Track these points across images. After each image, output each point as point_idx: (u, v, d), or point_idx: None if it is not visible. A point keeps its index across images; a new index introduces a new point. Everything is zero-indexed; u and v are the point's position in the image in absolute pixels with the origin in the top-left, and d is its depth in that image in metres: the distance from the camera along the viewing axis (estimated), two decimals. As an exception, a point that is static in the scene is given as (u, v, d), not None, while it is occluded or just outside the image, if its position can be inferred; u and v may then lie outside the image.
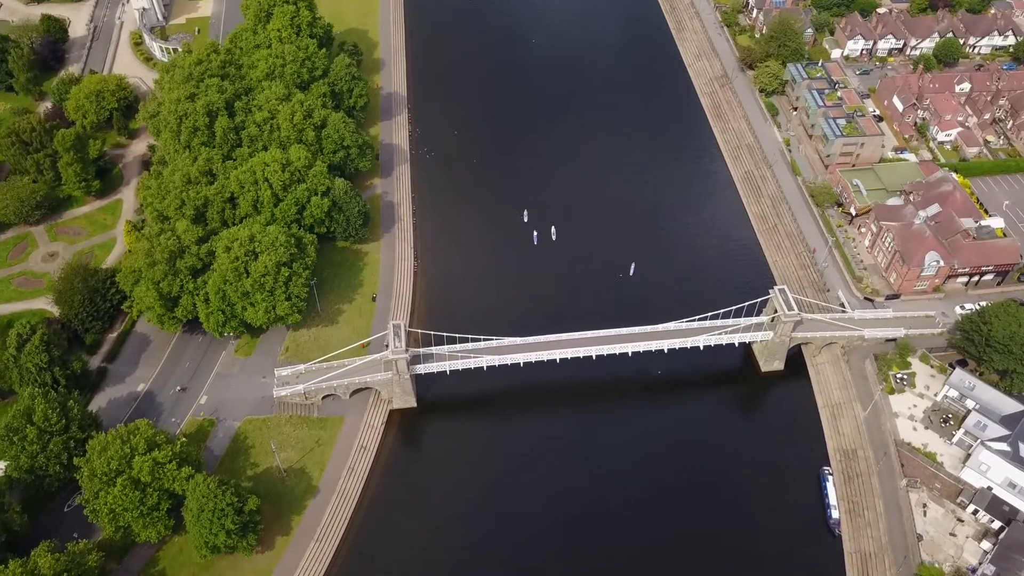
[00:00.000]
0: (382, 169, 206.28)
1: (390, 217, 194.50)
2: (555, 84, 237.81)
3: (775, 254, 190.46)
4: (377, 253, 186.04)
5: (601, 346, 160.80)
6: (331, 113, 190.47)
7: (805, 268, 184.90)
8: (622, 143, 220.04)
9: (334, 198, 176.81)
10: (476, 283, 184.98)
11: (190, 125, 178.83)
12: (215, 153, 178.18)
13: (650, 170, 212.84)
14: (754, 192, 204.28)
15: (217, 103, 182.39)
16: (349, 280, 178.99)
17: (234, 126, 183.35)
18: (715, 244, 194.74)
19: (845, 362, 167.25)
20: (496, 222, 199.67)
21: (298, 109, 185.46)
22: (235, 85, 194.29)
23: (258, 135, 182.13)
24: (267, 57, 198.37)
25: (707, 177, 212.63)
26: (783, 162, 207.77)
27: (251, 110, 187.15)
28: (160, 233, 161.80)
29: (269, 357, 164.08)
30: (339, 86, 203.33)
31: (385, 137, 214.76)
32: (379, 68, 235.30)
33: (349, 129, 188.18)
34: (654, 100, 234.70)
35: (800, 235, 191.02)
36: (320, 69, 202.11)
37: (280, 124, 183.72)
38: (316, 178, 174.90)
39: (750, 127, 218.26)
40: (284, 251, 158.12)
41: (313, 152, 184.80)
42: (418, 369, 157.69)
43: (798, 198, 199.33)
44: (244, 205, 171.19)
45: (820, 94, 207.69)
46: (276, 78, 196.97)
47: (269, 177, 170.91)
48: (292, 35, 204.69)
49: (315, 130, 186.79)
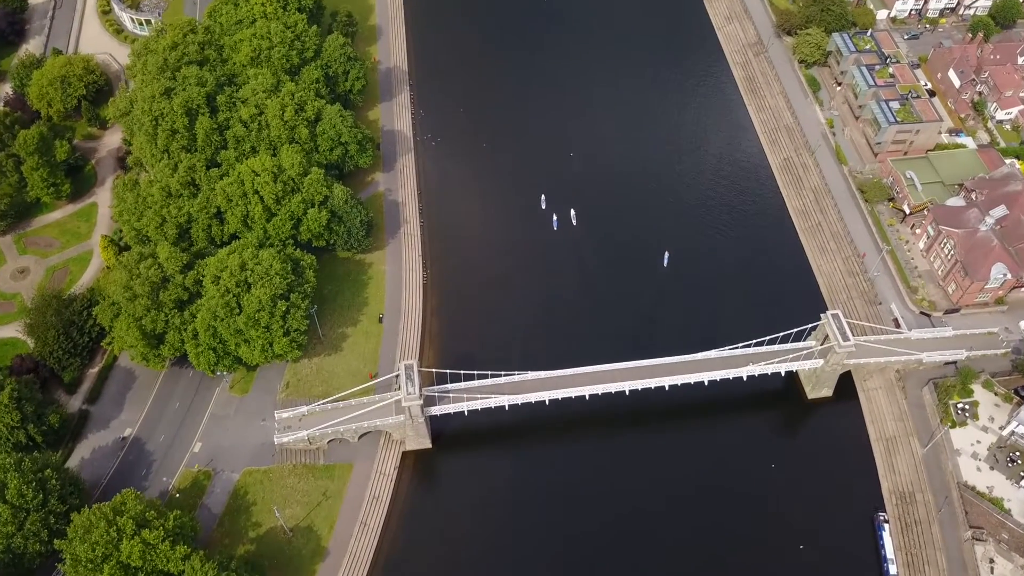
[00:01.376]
0: (384, 161, 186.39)
1: (395, 219, 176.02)
2: (569, 51, 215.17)
3: (819, 258, 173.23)
4: (382, 264, 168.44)
5: (634, 381, 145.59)
6: (325, 105, 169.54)
7: (854, 276, 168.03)
8: (644, 121, 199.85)
9: (333, 207, 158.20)
10: (493, 293, 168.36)
11: (167, 127, 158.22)
12: (197, 159, 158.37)
13: (677, 153, 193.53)
14: (794, 183, 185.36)
15: (197, 99, 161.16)
16: (352, 298, 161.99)
17: (217, 125, 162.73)
18: (752, 243, 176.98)
19: (900, 388, 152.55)
20: (511, 212, 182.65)
21: (288, 103, 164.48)
22: (216, 72, 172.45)
23: (245, 135, 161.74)
24: (251, 38, 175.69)
25: (741, 164, 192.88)
26: (826, 148, 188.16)
27: (235, 104, 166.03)
28: (140, 260, 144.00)
29: (268, 394, 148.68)
30: (333, 68, 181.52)
31: (386, 122, 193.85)
32: (376, 37, 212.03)
33: (347, 123, 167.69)
34: (679, 69, 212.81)
35: (847, 236, 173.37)
36: (311, 50, 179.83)
37: (269, 121, 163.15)
38: (312, 186, 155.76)
39: (789, 105, 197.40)
40: (280, 281, 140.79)
41: (307, 151, 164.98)
42: (433, 411, 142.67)
43: (844, 192, 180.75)
44: (233, 221, 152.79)
45: (870, 71, 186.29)
46: (262, 63, 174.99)
47: (260, 189, 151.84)
48: (278, 9, 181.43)
49: (308, 126, 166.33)
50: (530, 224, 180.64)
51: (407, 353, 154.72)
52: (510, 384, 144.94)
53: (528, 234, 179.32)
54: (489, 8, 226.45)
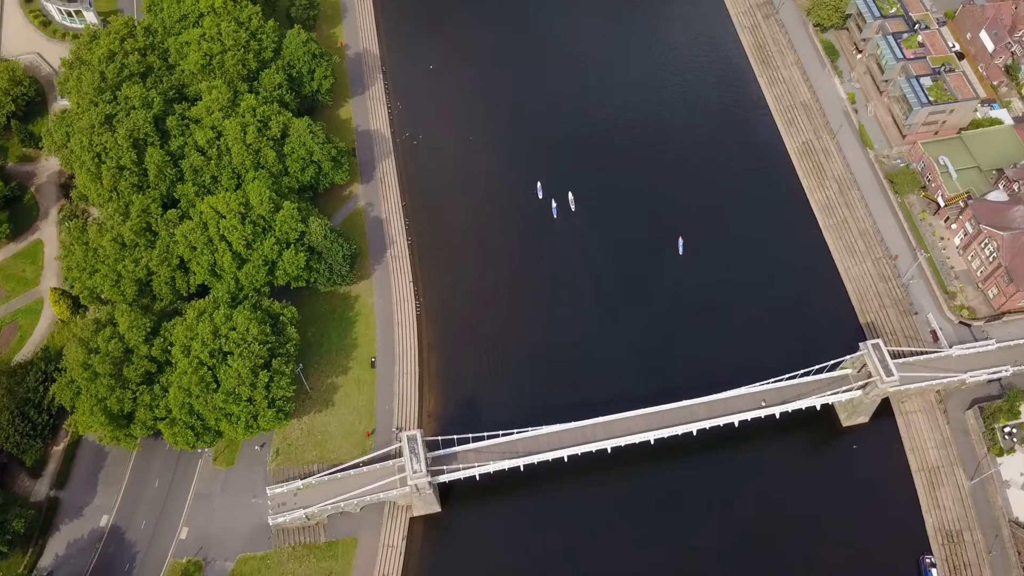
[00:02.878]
0: (362, 169, 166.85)
1: (379, 240, 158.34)
2: (554, 18, 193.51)
3: (847, 259, 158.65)
4: (369, 295, 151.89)
5: (660, 430, 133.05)
6: (292, 119, 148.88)
7: (886, 281, 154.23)
8: (644, 94, 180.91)
9: (311, 243, 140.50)
10: (494, 317, 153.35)
11: (112, 164, 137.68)
12: (151, 198, 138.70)
13: (681, 134, 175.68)
14: (815, 172, 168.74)
15: (144, 127, 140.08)
16: (340, 341, 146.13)
17: (170, 154, 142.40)
18: (772, 244, 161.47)
19: (941, 412, 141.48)
20: (506, 209, 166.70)
21: (250, 121, 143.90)
22: (163, 85, 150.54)
23: (203, 165, 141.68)
24: (200, 41, 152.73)
25: (754, 147, 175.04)
26: (849, 128, 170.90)
27: (188, 126, 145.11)
28: (97, 330, 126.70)
29: (257, 464, 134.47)
30: (297, 68, 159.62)
31: (360, 121, 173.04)
32: (341, 16, 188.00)
33: (317, 139, 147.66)
34: (680, 33, 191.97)
35: (877, 234, 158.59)
36: (270, 49, 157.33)
37: (230, 146, 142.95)
38: (285, 223, 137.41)
39: (805, 77, 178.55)
40: (260, 347, 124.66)
41: (276, 174, 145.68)
42: (441, 477, 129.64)
43: (871, 181, 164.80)
44: (199, 271, 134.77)
45: (897, 41, 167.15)
46: (215, 70, 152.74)
47: (227, 234, 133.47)
48: (228, 1, 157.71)
49: (275, 145, 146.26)
50: (528, 218, 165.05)
51: (405, 402, 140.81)
52: (524, 440, 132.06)
53: (527, 232, 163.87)
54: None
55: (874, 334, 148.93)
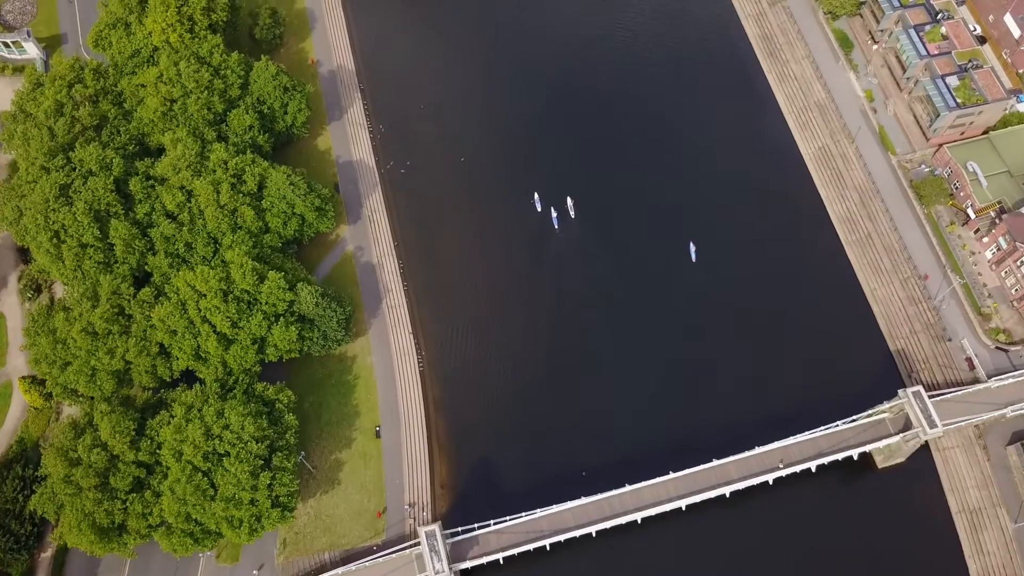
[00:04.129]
0: (347, 208, 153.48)
1: (373, 289, 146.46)
2: (533, 10, 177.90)
3: (872, 279, 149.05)
4: (367, 354, 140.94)
5: (691, 497, 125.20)
6: (268, 169, 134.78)
7: (915, 303, 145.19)
8: (642, 98, 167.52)
9: (301, 311, 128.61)
10: (501, 361, 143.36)
11: (74, 243, 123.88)
12: (120, 276, 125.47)
13: (682, 136, 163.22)
14: (834, 180, 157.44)
15: (104, 196, 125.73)
16: (340, 409, 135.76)
17: (137, 223, 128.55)
18: (791, 263, 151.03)
19: (981, 447, 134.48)
20: (504, 230, 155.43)
21: (223, 177, 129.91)
22: (121, 138, 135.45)
23: (175, 232, 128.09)
24: (157, 83, 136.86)
25: (766, 153, 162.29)
26: (868, 129, 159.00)
27: (154, 186, 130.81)
28: (76, 436, 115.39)
29: (263, 558, 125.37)
30: (268, 103, 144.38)
31: (340, 150, 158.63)
32: (309, 28, 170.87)
33: (299, 191, 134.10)
34: (678, 25, 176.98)
35: (904, 251, 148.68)
36: (236, 86, 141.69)
37: (203, 208, 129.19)
38: (272, 294, 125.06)
39: (818, 72, 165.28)
40: (257, 445, 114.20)
41: (256, 233, 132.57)
42: (463, 565, 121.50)
43: (894, 190, 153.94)
44: (182, 357, 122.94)
45: (919, 34, 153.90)
46: (176, 117, 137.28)
47: (209, 315, 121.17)
48: (184, 34, 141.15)
49: (252, 202, 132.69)
50: (528, 238, 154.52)
51: (416, 473, 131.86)
52: (548, 518, 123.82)
53: (529, 255, 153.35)
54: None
55: (906, 364, 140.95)
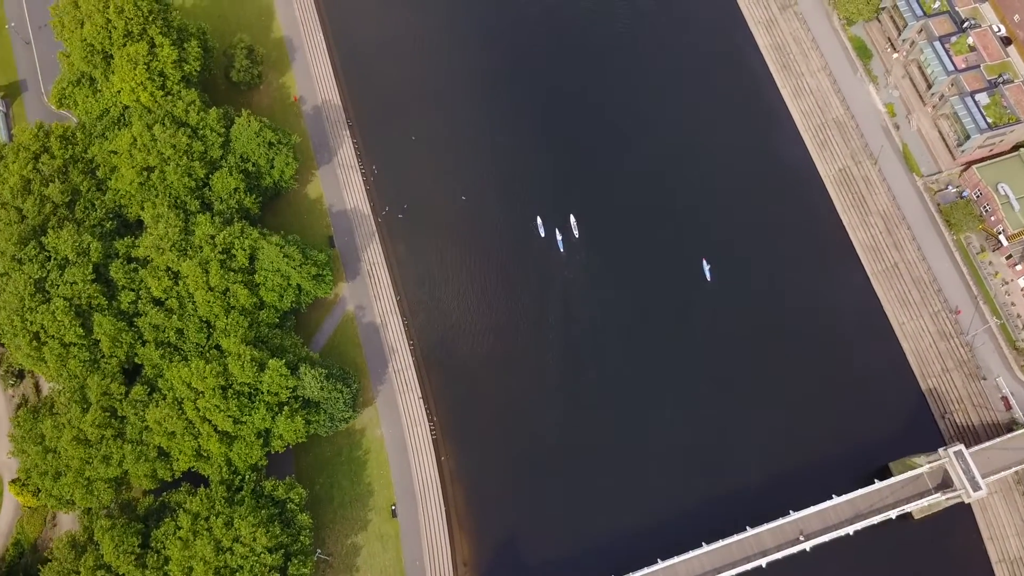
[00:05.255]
0: (344, 262, 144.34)
1: (378, 352, 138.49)
2: (537, 29, 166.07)
3: (900, 313, 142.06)
4: (377, 426, 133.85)
5: (726, 572, 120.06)
6: (259, 239, 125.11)
7: (947, 339, 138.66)
8: (643, 111, 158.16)
9: (306, 395, 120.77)
10: (517, 422, 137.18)
11: (56, 345, 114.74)
12: (108, 374, 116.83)
13: (688, 156, 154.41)
14: (857, 206, 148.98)
15: (84, 289, 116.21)
16: (353, 489, 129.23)
17: (122, 313, 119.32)
18: (814, 296, 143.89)
19: (1020, 493, 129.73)
20: (510, 266, 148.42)
21: (210, 256, 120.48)
22: (96, 213, 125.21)
23: (164, 321, 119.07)
24: (131, 152, 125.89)
25: (782, 177, 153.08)
26: (890, 148, 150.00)
27: (137, 270, 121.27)
28: (77, 556, 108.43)
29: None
30: (252, 160, 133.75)
31: (333, 198, 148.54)
32: (289, 60, 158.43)
33: (293, 261, 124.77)
34: (683, 34, 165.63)
35: (933, 281, 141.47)
36: (217, 145, 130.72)
37: (192, 291, 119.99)
38: (274, 382, 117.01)
39: (835, 85, 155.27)
40: (272, 557, 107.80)
41: (251, 310, 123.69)
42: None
43: (920, 214, 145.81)
44: (183, 459, 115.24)
45: (945, 47, 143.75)
46: (155, 187, 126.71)
47: (208, 415, 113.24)
48: (155, 90, 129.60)
49: (244, 278, 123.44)
50: (534, 269, 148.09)
51: (436, 554, 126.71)
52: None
53: (536, 291, 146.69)
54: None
55: (939, 405, 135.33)
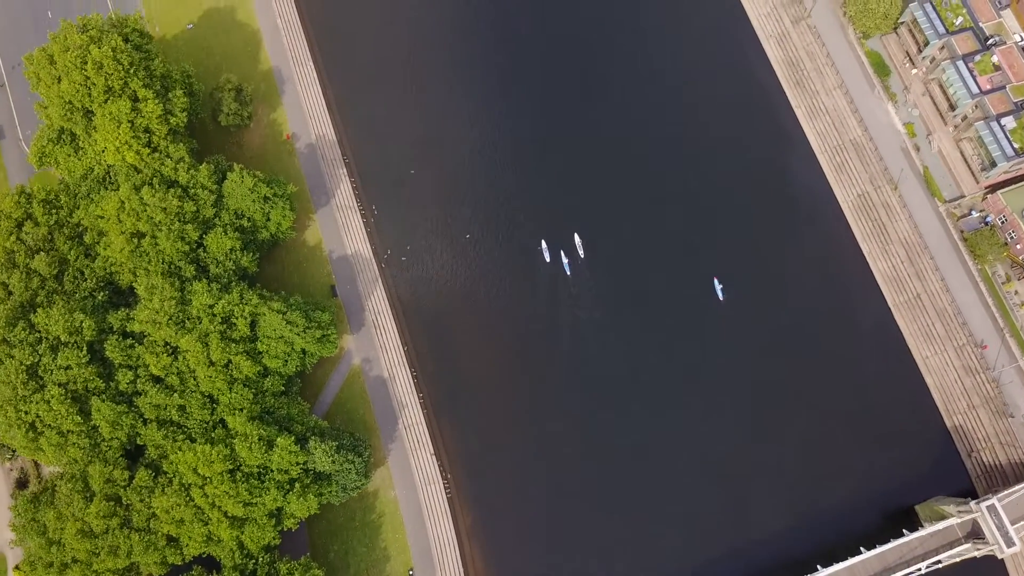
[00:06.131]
0: (348, 313, 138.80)
1: (388, 408, 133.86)
2: (537, 51, 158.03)
3: (924, 347, 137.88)
4: (390, 487, 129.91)
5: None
6: (259, 305, 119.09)
7: (972, 374, 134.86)
8: (646, 130, 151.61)
9: (317, 468, 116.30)
10: (532, 467, 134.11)
11: (53, 435, 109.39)
12: (110, 461, 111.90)
13: (699, 180, 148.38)
14: (877, 234, 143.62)
15: (79, 374, 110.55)
16: (368, 555, 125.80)
17: (120, 394, 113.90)
18: (834, 326, 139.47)
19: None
20: (516, 296, 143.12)
21: (210, 328, 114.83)
22: (87, 284, 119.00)
23: (165, 399, 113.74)
24: (119, 216, 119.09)
25: (798, 201, 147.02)
26: (911, 171, 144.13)
27: (133, 345, 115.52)
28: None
29: None
30: (248, 214, 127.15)
31: (332, 243, 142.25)
32: (279, 93, 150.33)
33: (297, 327, 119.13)
34: (690, 48, 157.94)
35: (958, 314, 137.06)
36: (210, 203, 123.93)
37: (192, 367, 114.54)
38: (283, 459, 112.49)
39: (852, 104, 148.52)
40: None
41: (255, 379, 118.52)
42: None
43: (943, 242, 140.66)
44: (193, 545, 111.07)
45: (969, 67, 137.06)
46: (147, 254, 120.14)
47: (217, 501, 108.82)
48: (142, 149, 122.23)
49: (246, 346, 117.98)
50: (543, 299, 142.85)
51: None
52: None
53: (545, 324, 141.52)
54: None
55: (965, 443, 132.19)
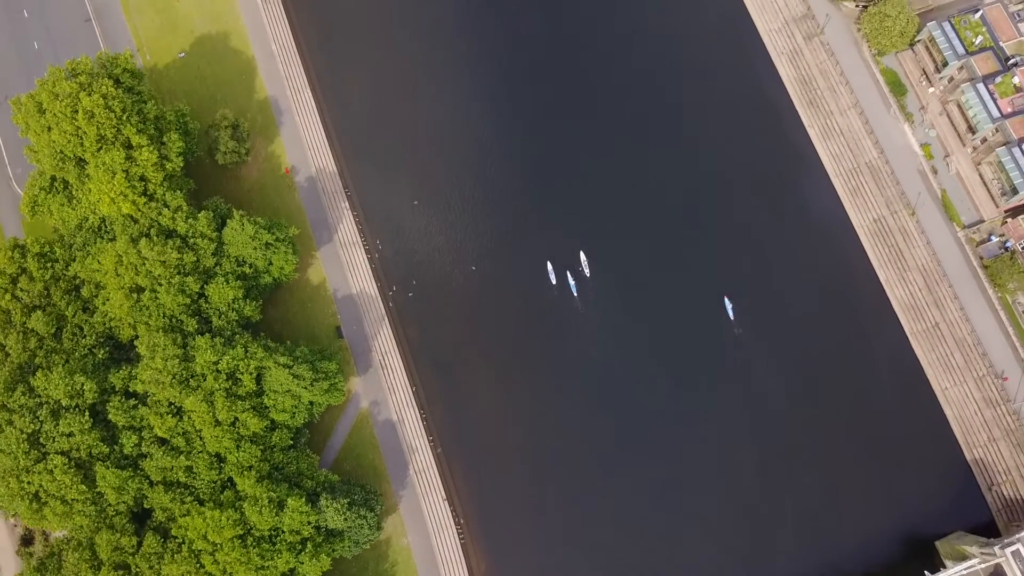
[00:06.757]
0: (355, 354, 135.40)
1: (397, 453, 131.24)
2: (541, 71, 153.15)
3: (943, 377, 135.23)
4: (402, 535, 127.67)
5: None
6: (266, 359, 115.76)
7: (993, 406, 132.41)
8: (656, 149, 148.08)
9: (329, 525, 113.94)
10: (548, 512, 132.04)
11: (57, 505, 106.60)
12: (117, 528, 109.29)
13: (708, 202, 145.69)
14: (894, 261, 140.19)
15: (83, 440, 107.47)
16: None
17: (125, 457, 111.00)
18: (849, 355, 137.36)
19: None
20: (524, 325, 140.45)
21: (215, 387, 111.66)
22: (86, 340, 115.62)
23: (172, 462, 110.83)
24: (116, 269, 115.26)
25: (812, 225, 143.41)
26: (928, 195, 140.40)
27: (137, 406, 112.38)
28: None
29: None
30: (250, 261, 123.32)
31: (336, 282, 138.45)
32: (275, 124, 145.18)
33: (304, 381, 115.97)
34: (699, 70, 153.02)
35: (977, 344, 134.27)
36: (210, 252, 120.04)
37: (198, 427, 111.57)
38: (295, 519, 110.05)
39: (867, 125, 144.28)
40: None
41: (263, 434, 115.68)
42: None
43: (962, 269, 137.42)
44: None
45: (989, 89, 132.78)
46: (147, 308, 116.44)
47: (229, 568, 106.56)
48: (138, 198, 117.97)
49: (253, 400, 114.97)
50: (552, 327, 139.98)
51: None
52: None
53: (554, 351, 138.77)
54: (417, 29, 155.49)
55: (986, 476, 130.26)
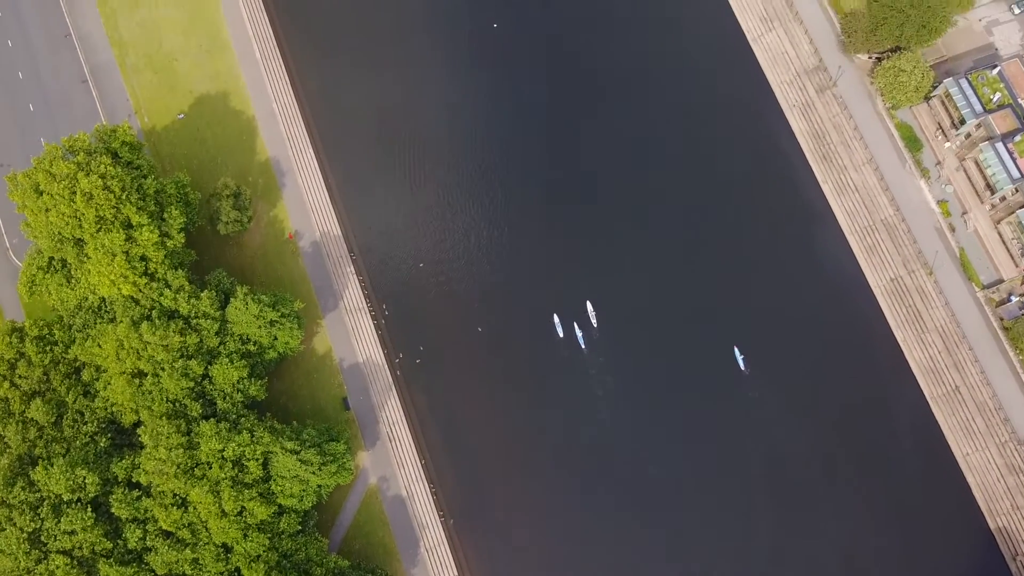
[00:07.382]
0: (362, 427, 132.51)
1: (407, 530, 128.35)
2: (544, 114, 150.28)
3: (964, 443, 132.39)
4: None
5: None
6: (272, 443, 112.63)
7: (1016, 473, 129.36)
8: (664, 204, 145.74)
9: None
10: None
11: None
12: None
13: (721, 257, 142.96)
14: (912, 322, 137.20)
15: (85, 538, 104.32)
16: None
17: (129, 552, 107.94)
18: (866, 420, 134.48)
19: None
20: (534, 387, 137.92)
21: (221, 476, 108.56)
22: (88, 427, 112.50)
23: (178, 556, 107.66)
24: (118, 354, 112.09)
25: (826, 284, 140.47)
26: (946, 254, 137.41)
27: (141, 497, 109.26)
28: None
29: None
30: (255, 339, 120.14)
31: (342, 351, 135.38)
32: (277, 187, 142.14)
33: (311, 466, 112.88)
34: (709, 122, 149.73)
35: (999, 409, 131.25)
36: (213, 332, 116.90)
37: (204, 519, 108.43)
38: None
39: (882, 181, 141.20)
40: None
41: (270, 523, 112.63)
42: None
43: (982, 331, 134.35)
44: None
45: (1008, 149, 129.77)
46: (150, 392, 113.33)
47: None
48: (139, 279, 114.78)
49: (260, 488, 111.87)
50: (561, 384, 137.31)
51: None
52: None
53: (564, 411, 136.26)
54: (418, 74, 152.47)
55: (1010, 545, 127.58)
